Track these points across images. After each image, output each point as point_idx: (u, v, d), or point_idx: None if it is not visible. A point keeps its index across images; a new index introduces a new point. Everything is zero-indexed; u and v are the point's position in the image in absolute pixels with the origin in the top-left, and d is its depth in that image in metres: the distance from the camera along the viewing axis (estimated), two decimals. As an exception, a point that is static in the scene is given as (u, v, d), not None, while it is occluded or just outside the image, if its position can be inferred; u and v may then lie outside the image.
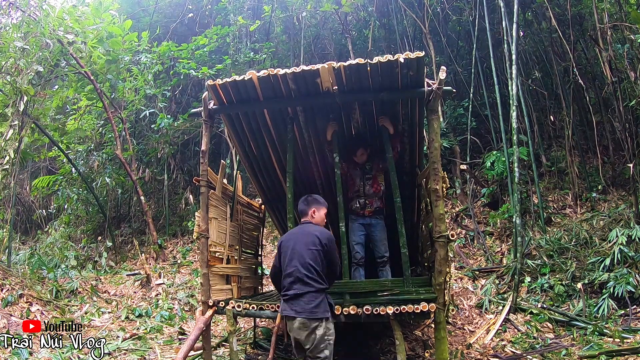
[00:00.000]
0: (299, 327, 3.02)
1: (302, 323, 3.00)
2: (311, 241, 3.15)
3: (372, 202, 4.83)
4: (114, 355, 4.94)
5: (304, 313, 2.99)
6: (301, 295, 3.03)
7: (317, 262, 3.11)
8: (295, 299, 3.04)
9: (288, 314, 3.07)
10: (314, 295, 3.04)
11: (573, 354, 4.43)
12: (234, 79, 3.92)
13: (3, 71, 7.20)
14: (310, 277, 3.06)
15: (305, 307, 2.99)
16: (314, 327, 2.99)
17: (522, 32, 9.11)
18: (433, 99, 3.72)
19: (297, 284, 3.06)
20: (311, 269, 3.07)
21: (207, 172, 4.40)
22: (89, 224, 10.66)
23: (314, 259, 3.10)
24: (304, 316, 2.99)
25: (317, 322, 3.00)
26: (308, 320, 2.99)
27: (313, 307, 3.00)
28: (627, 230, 5.97)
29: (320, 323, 3.01)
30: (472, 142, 8.95)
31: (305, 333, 2.99)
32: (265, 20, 10.95)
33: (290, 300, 3.07)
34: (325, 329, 3.02)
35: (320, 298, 3.06)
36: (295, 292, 3.05)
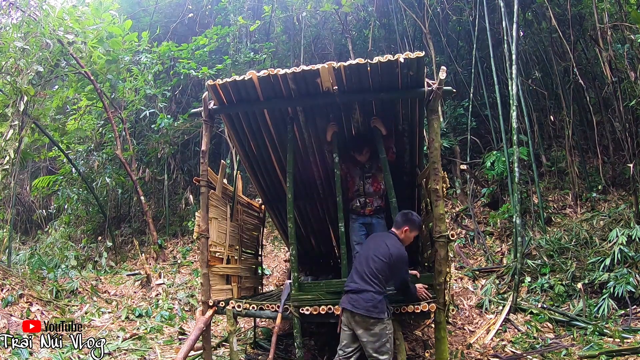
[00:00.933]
0: (358, 322, 3.29)
1: (361, 318, 3.27)
2: (382, 249, 3.43)
3: (372, 201, 4.82)
4: (114, 355, 4.95)
5: (361, 309, 3.25)
6: (360, 292, 3.31)
7: (380, 269, 3.36)
8: (355, 294, 3.33)
9: (345, 307, 3.35)
10: (372, 295, 3.29)
11: (573, 354, 4.43)
12: (234, 79, 3.92)
13: (3, 71, 7.20)
14: (370, 278, 3.33)
15: (364, 304, 3.26)
16: (372, 322, 3.25)
17: (522, 32, 9.10)
18: (433, 99, 3.72)
19: (358, 280, 3.36)
20: (373, 272, 3.34)
21: (207, 172, 4.40)
22: (89, 224, 10.66)
23: (377, 266, 3.37)
24: (361, 312, 3.25)
25: (373, 320, 3.25)
26: (366, 317, 3.25)
27: (370, 306, 3.25)
28: (627, 230, 5.97)
29: (377, 321, 3.25)
30: (472, 142, 8.95)
31: (363, 328, 3.27)
32: (265, 20, 10.94)
33: (351, 294, 3.36)
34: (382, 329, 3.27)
35: (378, 299, 3.29)
36: (356, 287, 3.35)
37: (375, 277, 3.32)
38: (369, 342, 3.24)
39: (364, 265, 3.40)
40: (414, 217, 3.66)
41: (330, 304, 3.91)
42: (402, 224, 3.61)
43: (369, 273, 3.33)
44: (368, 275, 3.33)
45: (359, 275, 3.38)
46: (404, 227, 3.59)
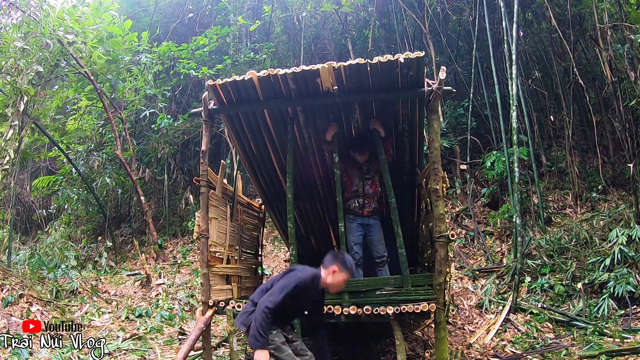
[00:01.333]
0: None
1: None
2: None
3: (370, 203, 4.83)
4: (114, 355, 4.95)
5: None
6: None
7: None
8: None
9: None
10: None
11: (573, 354, 4.43)
12: (234, 79, 3.92)
13: (3, 71, 7.20)
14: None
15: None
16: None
17: (522, 32, 9.11)
18: (433, 99, 3.72)
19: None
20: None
21: (207, 172, 4.40)
22: (89, 224, 10.65)
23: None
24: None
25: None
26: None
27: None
28: (627, 230, 5.97)
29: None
30: (472, 142, 8.95)
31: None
32: (265, 20, 10.94)
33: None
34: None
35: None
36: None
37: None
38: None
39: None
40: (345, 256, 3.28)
41: (330, 304, 3.91)
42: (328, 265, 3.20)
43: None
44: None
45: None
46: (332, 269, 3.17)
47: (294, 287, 2.99)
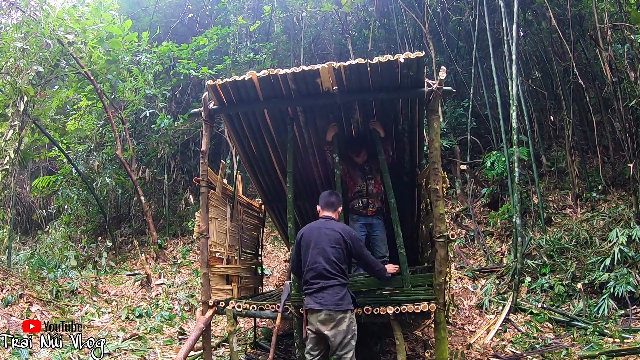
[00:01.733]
0: (324, 320, 3.09)
1: (329, 315, 3.07)
2: (335, 239, 3.25)
3: (374, 202, 4.84)
4: (114, 355, 4.95)
5: (329, 305, 3.08)
6: (325, 289, 3.12)
7: (341, 259, 3.21)
8: (320, 292, 3.13)
9: (312, 307, 3.14)
10: (339, 288, 3.14)
11: (573, 354, 4.43)
12: (234, 79, 3.92)
13: (3, 71, 7.20)
14: (334, 272, 3.16)
15: (331, 299, 3.09)
16: (340, 318, 3.07)
17: (522, 32, 9.10)
18: (433, 99, 3.72)
19: (321, 279, 3.15)
20: (335, 265, 3.17)
21: (207, 172, 4.40)
22: (89, 224, 10.65)
23: (337, 257, 3.20)
24: (330, 308, 3.07)
25: (342, 314, 3.09)
26: (335, 312, 3.07)
27: (338, 300, 3.10)
28: (627, 230, 5.97)
29: (345, 314, 3.10)
30: (472, 142, 8.95)
31: (332, 325, 3.07)
32: (265, 20, 10.94)
33: (315, 293, 3.15)
34: (350, 320, 3.13)
35: (344, 291, 3.17)
36: (320, 286, 3.13)
37: (336, 267, 3.17)
38: (336, 339, 3.05)
39: (322, 261, 3.18)
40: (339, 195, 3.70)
41: (330, 304, 3.90)
42: (338, 204, 3.60)
43: (328, 267, 3.16)
44: (328, 270, 3.15)
45: (317, 274, 3.17)
46: (340, 206, 3.61)
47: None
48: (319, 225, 3.40)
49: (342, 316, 3.08)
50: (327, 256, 3.19)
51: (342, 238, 3.26)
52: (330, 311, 3.07)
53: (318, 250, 3.23)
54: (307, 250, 3.31)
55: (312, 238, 3.31)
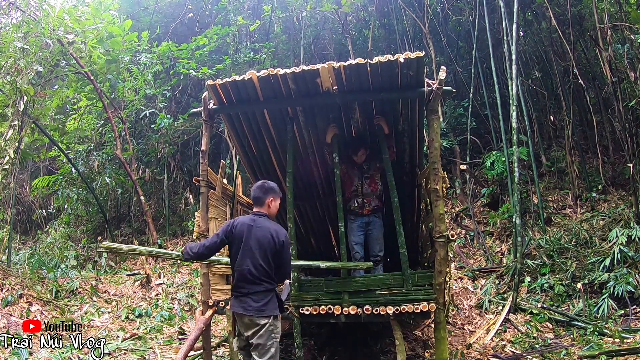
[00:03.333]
0: (247, 324, 3.04)
1: (251, 320, 3.01)
2: (266, 240, 3.04)
3: (370, 201, 4.84)
4: (114, 355, 4.95)
5: (252, 311, 2.99)
6: (251, 294, 3.02)
7: (269, 263, 3.05)
8: (245, 297, 3.03)
9: (237, 311, 3.07)
10: (264, 294, 3.03)
11: (573, 354, 4.44)
12: (234, 79, 3.92)
13: (3, 71, 7.20)
14: (261, 277, 3.02)
15: (254, 305, 3.00)
16: (262, 324, 3.00)
17: (522, 32, 9.10)
18: (433, 99, 3.72)
19: (247, 283, 3.03)
20: (261, 270, 3.02)
21: (207, 172, 4.40)
22: (89, 224, 10.65)
23: (265, 261, 3.03)
24: (252, 314, 3.00)
25: (265, 320, 3.00)
26: (257, 317, 3.00)
27: (261, 306, 3.00)
28: (627, 230, 5.97)
29: (268, 320, 3.01)
30: (472, 142, 8.95)
31: (253, 330, 3.01)
32: (265, 20, 10.94)
33: (240, 297, 3.06)
34: (272, 326, 3.03)
35: (269, 297, 3.05)
36: (246, 291, 3.03)
37: (262, 272, 3.01)
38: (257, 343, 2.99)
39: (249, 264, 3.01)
40: (269, 184, 3.28)
41: (330, 304, 3.91)
42: (265, 197, 3.19)
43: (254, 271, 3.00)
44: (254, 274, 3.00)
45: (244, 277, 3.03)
46: (268, 199, 3.19)
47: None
48: (251, 222, 3.12)
49: (265, 322, 3.00)
50: (256, 261, 3.01)
51: (273, 241, 3.05)
52: (252, 317, 3.00)
53: (246, 252, 3.05)
54: (236, 249, 3.11)
55: (243, 235, 3.08)
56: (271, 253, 3.04)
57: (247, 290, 3.02)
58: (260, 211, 3.20)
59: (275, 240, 3.04)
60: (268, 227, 3.09)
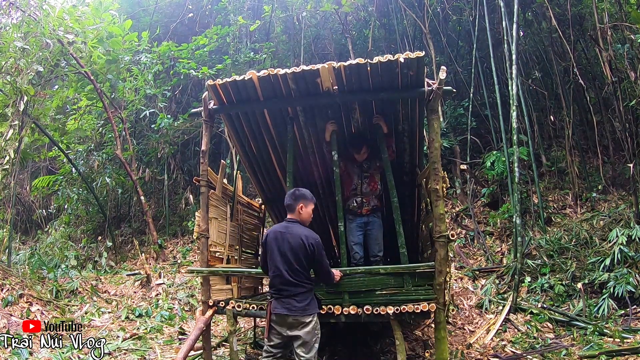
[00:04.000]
0: (291, 323, 3.18)
1: (295, 319, 3.16)
2: (298, 245, 3.18)
3: (369, 201, 4.83)
4: (114, 355, 4.95)
5: (297, 311, 3.15)
6: (293, 295, 3.18)
7: (304, 266, 3.22)
8: (287, 298, 3.19)
9: (280, 312, 3.19)
10: (305, 295, 3.21)
11: (573, 354, 4.43)
12: (234, 79, 3.92)
13: (3, 71, 7.20)
14: (298, 279, 3.19)
15: (298, 305, 3.16)
16: (307, 322, 3.17)
17: (522, 32, 9.10)
18: (433, 99, 3.72)
19: (289, 286, 3.19)
20: (298, 273, 3.19)
21: (207, 172, 4.40)
22: (89, 224, 10.66)
23: (300, 264, 3.19)
24: (297, 314, 3.15)
25: (309, 317, 3.19)
26: (302, 316, 3.16)
27: (305, 305, 3.18)
28: (627, 230, 5.97)
29: (312, 318, 3.20)
30: (472, 142, 8.95)
31: (299, 328, 3.17)
32: (265, 20, 10.94)
33: (282, 299, 3.21)
34: (315, 323, 3.24)
35: (310, 296, 3.25)
36: (289, 293, 3.19)
37: (300, 274, 3.18)
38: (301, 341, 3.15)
39: (286, 268, 3.17)
40: (300, 191, 3.41)
41: (330, 304, 3.90)
42: (295, 204, 3.33)
43: (292, 274, 3.16)
44: (293, 277, 3.16)
45: (283, 280, 3.18)
46: (299, 206, 3.32)
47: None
48: (283, 230, 3.30)
49: (309, 320, 3.18)
50: (290, 264, 3.17)
51: (304, 245, 3.18)
52: (297, 316, 3.16)
53: (281, 257, 3.20)
54: (271, 256, 3.27)
55: (276, 243, 3.25)
56: (304, 256, 3.20)
57: (289, 292, 3.18)
58: (292, 217, 3.37)
59: (306, 244, 3.19)
60: (299, 232, 3.24)
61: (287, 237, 3.23)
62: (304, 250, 3.17)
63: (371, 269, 4.07)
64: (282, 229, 3.30)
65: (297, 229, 3.27)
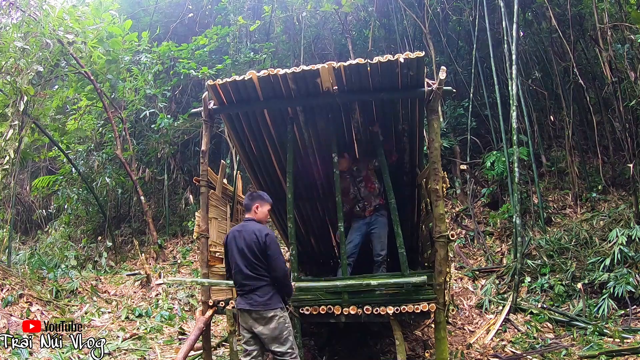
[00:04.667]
0: (256, 318, 3.22)
1: (259, 314, 3.19)
2: (251, 239, 3.27)
3: (371, 202, 4.85)
4: (114, 355, 4.95)
5: (259, 305, 3.19)
6: (255, 290, 3.23)
7: (260, 259, 3.26)
8: (249, 293, 3.24)
9: (243, 307, 3.25)
10: (266, 288, 3.24)
11: (573, 354, 4.44)
12: (234, 79, 3.92)
13: (3, 71, 7.20)
14: (257, 273, 3.24)
15: (259, 300, 3.20)
16: (270, 316, 3.20)
17: (522, 32, 9.10)
18: (433, 99, 3.72)
19: (250, 280, 3.25)
20: (256, 266, 3.24)
21: (207, 172, 4.40)
22: (89, 224, 10.65)
23: (256, 258, 3.25)
24: (259, 308, 3.19)
25: (272, 312, 3.20)
26: (264, 311, 3.19)
27: (267, 300, 3.21)
28: (627, 230, 5.97)
29: (275, 312, 3.22)
30: (472, 142, 8.95)
31: (263, 324, 3.21)
32: (265, 20, 10.94)
33: (245, 294, 3.27)
34: (282, 317, 3.25)
35: (272, 291, 3.26)
36: (250, 288, 3.24)
37: (258, 268, 3.23)
38: (269, 336, 3.19)
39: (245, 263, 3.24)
40: (257, 193, 3.66)
41: (330, 304, 3.91)
42: (251, 203, 3.49)
43: (250, 268, 3.22)
44: (251, 271, 3.22)
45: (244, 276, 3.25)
46: (254, 205, 3.48)
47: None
48: (240, 228, 3.43)
49: (272, 315, 3.20)
50: (247, 258, 3.25)
51: (256, 238, 3.25)
52: (259, 311, 3.19)
53: (239, 253, 3.29)
54: (231, 254, 3.37)
55: (234, 241, 3.36)
56: (258, 250, 3.25)
57: (250, 287, 3.23)
58: (249, 217, 3.51)
59: (258, 236, 3.26)
60: (252, 228, 3.34)
61: (242, 234, 3.34)
62: (257, 244, 3.24)
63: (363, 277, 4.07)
64: (239, 228, 3.45)
65: (251, 225, 3.39)
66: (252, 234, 3.28)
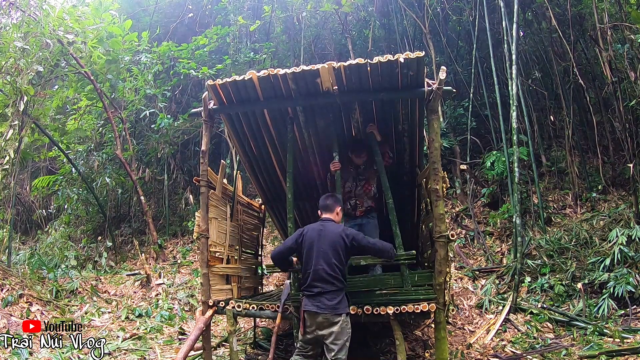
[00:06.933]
0: (321, 322, 3.24)
1: (326, 318, 3.22)
2: (337, 242, 3.32)
3: (363, 202, 4.84)
4: (114, 355, 4.95)
5: (327, 309, 3.21)
6: (324, 293, 3.25)
7: (342, 262, 3.31)
8: (319, 296, 3.25)
9: (310, 310, 3.27)
10: (336, 293, 3.27)
11: (573, 354, 4.44)
12: (234, 79, 3.92)
13: (3, 71, 7.20)
14: (334, 276, 3.27)
15: (328, 303, 3.22)
16: (336, 321, 3.22)
17: (522, 32, 9.11)
18: (433, 99, 3.72)
19: (322, 282, 3.26)
20: (335, 269, 3.27)
21: (207, 172, 4.40)
22: (89, 224, 10.65)
23: (339, 260, 3.29)
24: (327, 312, 3.21)
25: (338, 317, 3.23)
26: (331, 315, 3.22)
27: (335, 304, 3.23)
28: (627, 230, 5.97)
29: (342, 317, 3.25)
30: (472, 142, 8.95)
31: (328, 327, 3.22)
32: (265, 20, 10.94)
33: (314, 297, 3.27)
34: (345, 323, 3.28)
35: (341, 295, 3.30)
36: (319, 290, 3.26)
37: (337, 271, 3.27)
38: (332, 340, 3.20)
39: (324, 264, 3.27)
40: (338, 196, 3.79)
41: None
42: (335, 205, 3.60)
43: (329, 270, 3.26)
44: (329, 274, 3.25)
45: (318, 277, 3.27)
46: (338, 208, 3.61)
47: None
48: (321, 227, 3.45)
49: (338, 319, 3.22)
50: (330, 260, 3.27)
51: (344, 242, 3.32)
52: (327, 315, 3.21)
53: (320, 253, 3.30)
54: (308, 252, 3.36)
55: (314, 239, 3.37)
56: (344, 251, 3.30)
57: (320, 290, 3.25)
58: (328, 217, 3.56)
59: (344, 237, 3.33)
60: (336, 230, 3.40)
61: (325, 233, 3.38)
62: (342, 245, 3.29)
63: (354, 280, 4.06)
64: (320, 227, 3.46)
65: (333, 227, 3.44)
66: (338, 236, 3.33)
